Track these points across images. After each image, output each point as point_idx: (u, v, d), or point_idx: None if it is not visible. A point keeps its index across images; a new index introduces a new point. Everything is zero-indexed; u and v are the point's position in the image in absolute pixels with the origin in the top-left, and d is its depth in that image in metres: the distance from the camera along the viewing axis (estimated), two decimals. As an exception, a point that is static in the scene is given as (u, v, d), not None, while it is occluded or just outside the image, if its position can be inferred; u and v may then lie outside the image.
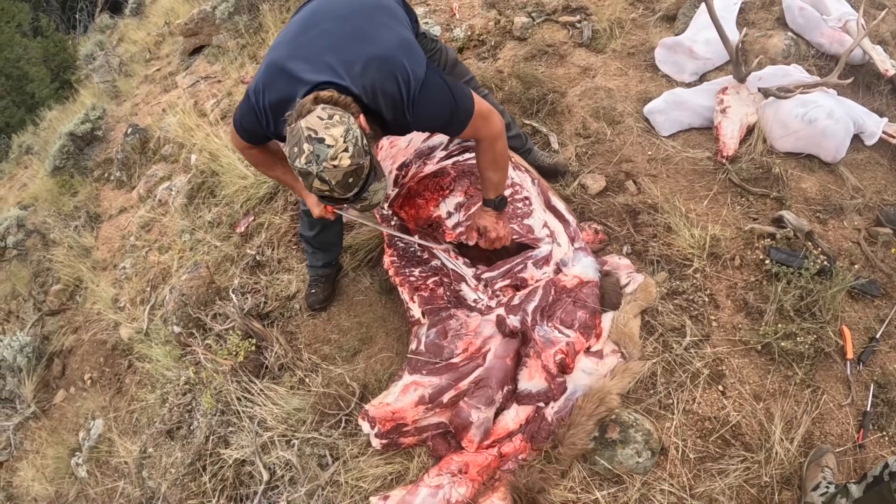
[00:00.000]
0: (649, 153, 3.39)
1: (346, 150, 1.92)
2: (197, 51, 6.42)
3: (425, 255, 2.88)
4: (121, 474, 3.35)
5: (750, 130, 3.37)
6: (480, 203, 2.67)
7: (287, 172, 2.52)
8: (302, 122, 1.93)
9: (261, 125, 2.22)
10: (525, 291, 2.71)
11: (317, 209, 2.50)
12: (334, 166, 1.91)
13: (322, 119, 1.92)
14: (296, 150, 1.93)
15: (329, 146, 1.90)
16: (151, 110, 5.99)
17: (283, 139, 2.11)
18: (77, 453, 3.64)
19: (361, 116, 2.04)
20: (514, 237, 2.80)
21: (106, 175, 5.65)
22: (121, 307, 4.16)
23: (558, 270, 2.77)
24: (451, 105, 2.24)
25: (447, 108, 2.23)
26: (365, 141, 1.99)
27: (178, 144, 5.08)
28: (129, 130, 5.56)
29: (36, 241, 5.34)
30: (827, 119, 3.15)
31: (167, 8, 7.64)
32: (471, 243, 2.75)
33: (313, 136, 1.90)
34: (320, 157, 1.90)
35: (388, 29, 2.20)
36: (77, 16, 11.90)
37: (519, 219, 2.84)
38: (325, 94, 2.00)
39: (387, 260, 2.89)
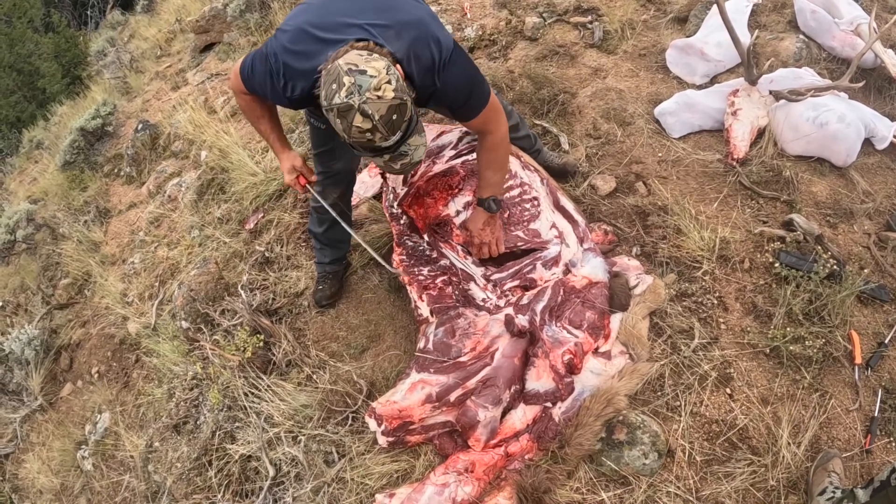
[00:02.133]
0: (660, 155, 3.39)
1: (388, 81, 1.86)
2: (208, 48, 6.44)
3: (434, 255, 2.88)
4: (126, 468, 3.36)
5: (760, 133, 3.36)
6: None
7: (273, 129, 2.52)
8: (339, 60, 1.88)
9: (275, 89, 2.18)
10: (534, 291, 2.70)
11: (289, 176, 2.51)
12: (378, 97, 1.85)
13: (361, 55, 1.88)
14: (333, 86, 1.86)
15: (372, 76, 1.84)
16: (162, 107, 6.01)
17: (293, 103, 2.13)
18: (83, 446, 3.66)
19: (399, 66, 2.00)
20: (519, 244, 2.79)
21: (116, 170, 5.68)
22: (129, 302, 4.17)
23: (567, 271, 2.77)
24: (474, 81, 2.24)
25: (470, 82, 2.23)
26: (403, 84, 1.94)
27: (188, 141, 5.10)
28: (140, 126, 5.58)
29: (45, 235, 5.37)
30: (838, 123, 3.14)
31: (178, 5, 7.67)
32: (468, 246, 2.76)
33: (354, 68, 1.85)
34: (363, 88, 1.83)
35: (414, 2, 2.21)
36: (88, 12, 11.94)
37: (527, 220, 2.84)
38: (360, 44, 1.97)
39: (396, 258, 2.89)
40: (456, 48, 2.16)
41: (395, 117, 1.90)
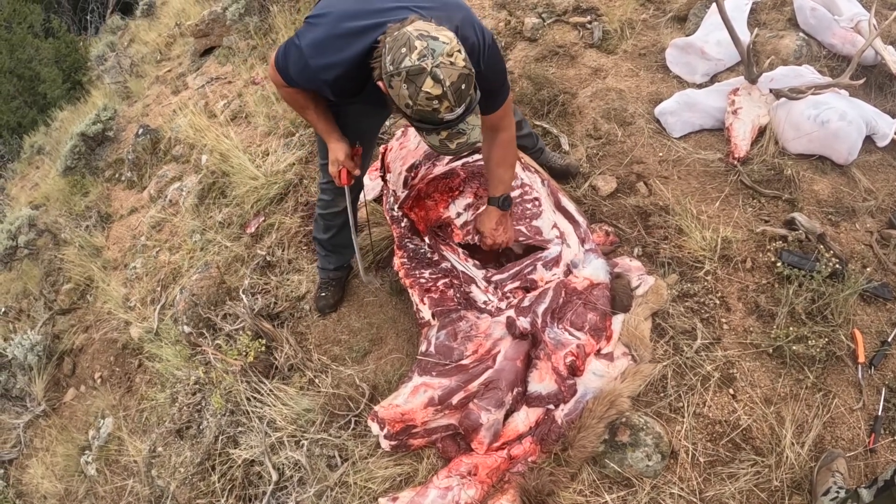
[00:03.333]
0: (660, 155, 3.38)
1: (459, 51, 1.85)
2: (207, 52, 6.44)
3: (435, 257, 2.88)
4: (130, 473, 3.36)
5: (762, 132, 3.36)
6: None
7: (320, 117, 2.47)
8: (408, 27, 1.86)
9: (312, 78, 2.16)
10: (535, 293, 2.70)
11: (332, 167, 2.48)
12: (451, 62, 1.83)
13: (430, 24, 1.88)
14: (403, 50, 1.83)
15: (444, 42, 1.83)
16: (162, 111, 6.02)
17: (333, 90, 2.11)
18: (86, 452, 3.66)
19: None
20: (521, 239, 2.79)
21: (117, 175, 5.68)
22: (131, 307, 4.18)
23: (569, 272, 2.77)
24: (505, 73, 2.27)
25: (504, 71, 2.25)
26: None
27: (188, 145, 5.10)
28: (140, 131, 5.59)
29: (47, 240, 5.37)
30: (839, 120, 3.13)
31: (178, 9, 7.67)
32: (477, 241, 2.76)
33: (426, 34, 1.83)
34: (436, 52, 1.81)
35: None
36: (88, 17, 11.96)
37: (528, 220, 2.84)
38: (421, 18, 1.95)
39: (397, 262, 2.89)
40: (493, 36, 2.21)
41: (463, 87, 1.88)
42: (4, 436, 4.21)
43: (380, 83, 1.98)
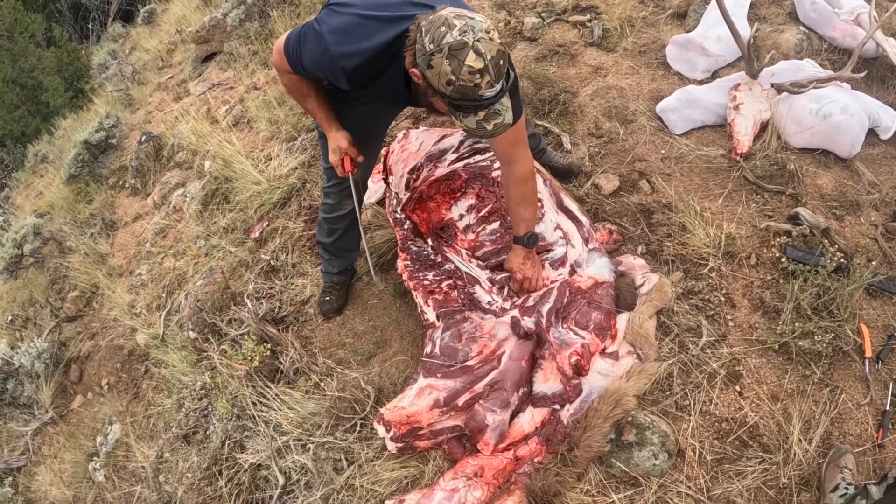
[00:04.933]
0: (662, 152, 3.37)
1: (494, 29, 1.91)
2: (209, 58, 6.46)
3: (438, 259, 2.87)
4: (138, 479, 3.37)
5: (764, 127, 3.34)
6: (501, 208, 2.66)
7: (321, 106, 2.47)
8: (444, 10, 1.92)
9: (330, 66, 2.15)
10: (539, 293, 2.69)
11: (333, 156, 2.48)
12: (490, 38, 1.88)
13: (464, 8, 1.94)
14: (443, 29, 1.87)
15: (481, 21, 1.89)
16: (165, 117, 6.04)
17: (348, 77, 2.12)
18: (94, 458, 3.67)
19: None
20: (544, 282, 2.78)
21: (121, 182, 5.70)
22: (137, 313, 4.19)
23: (573, 272, 2.76)
24: (517, 81, 2.26)
25: (516, 79, 2.23)
26: None
27: (191, 151, 5.12)
28: (143, 138, 5.61)
29: (52, 248, 5.39)
30: (841, 114, 3.12)
31: (179, 16, 7.70)
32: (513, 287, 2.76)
33: (462, 14, 1.89)
34: (475, 28, 1.87)
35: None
36: (90, 25, 12.00)
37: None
38: None
39: (400, 264, 2.88)
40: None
41: (501, 62, 1.92)
42: (13, 443, 4.23)
43: (413, 70, 2.01)
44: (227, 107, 5.33)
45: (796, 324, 2.62)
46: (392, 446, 2.58)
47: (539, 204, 2.87)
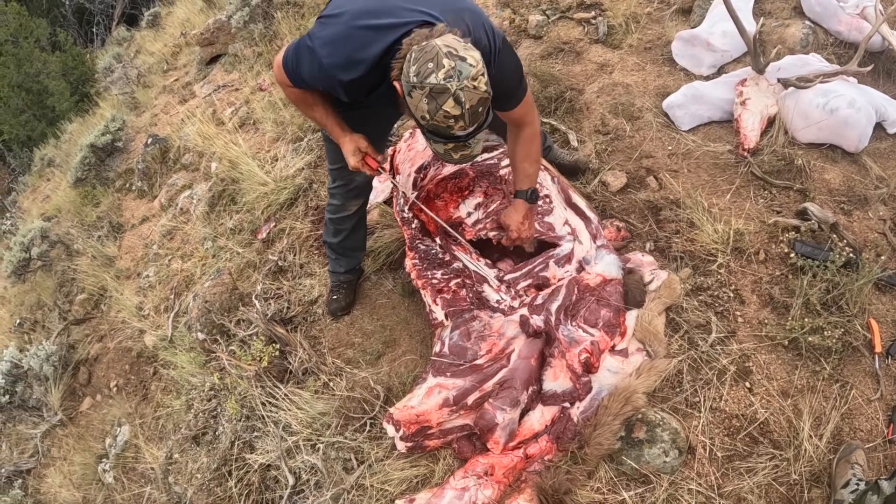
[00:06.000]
0: (669, 148, 3.37)
1: (483, 74, 1.88)
2: (214, 60, 6.47)
3: (447, 258, 2.87)
4: (147, 480, 3.38)
5: (771, 122, 3.33)
6: (508, 203, 2.65)
7: (328, 115, 2.44)
8: (437, 40, 1.88)
9: (327, 78, 2.14)
10: (548, 291, 2.69)
11: (353, 158, 2.45)
12: (474, 87, 1.86)
13: (460, 41, 1.90)
14: (430, 65, 1.85)
15: (471, 65, 1.86)
16: (170, 120, 6.05)
17: (346, 90, 2.11)
18: (104, 460, 3.68)
19: None
20: (535, 235, 2.79)
21: (127, 185, 5.71)
22: (145, 315, 4.20)
23: (581, 269, 2.76)
24: (521, 68, 2.26)
25: (519, 70, 2.25)
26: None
27: (197, 153, 5.13)
28: (149, 140, 5.62)
29: (60, 251, 5.41)
30: (848, 108, 3.11)
31: (183, 19, 7.71)
32: (491, 235, 2.75)
33: (454, 52, 1.86)
34: (462, 74, 1.84)
35: None
36: (94, 29, 12.02)
37: (540, 216, 2.83)
38: (450, 30, 1.97)
39: (408, 263, 2.89)
40: (504, 37, 2.19)
41: (480, 110, 1.93)
42: (22, 446, 4.24)
43: (396, 84, 2.00)
44: (232, 108, 5.33)
45: (805, 319, 2.62)
46: (402, 446, 2.58)
47: (548, 199, 2.87)
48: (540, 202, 2.86)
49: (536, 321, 2.60)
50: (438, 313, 2.75)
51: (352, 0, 2.14)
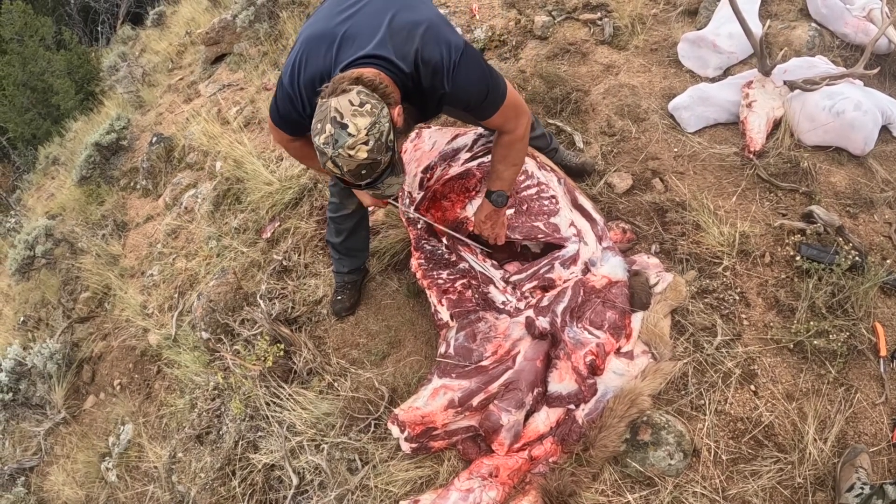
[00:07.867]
0: (675, 150, 3.36)
1: (366, 142, 1.89)
2: (219, 59, 6.46)
3: (453, 258, 2.87)
4: (150, 479, 3.38)
5: (777, 124, 3.33)
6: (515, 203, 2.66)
7: None
8: (332, 100, 1.90)
9: (296, 109, 2.19)
10: (554, 292, 2.69)
11: (367, 199, 2.50)
12: (349, 156, 1.89)
13: (353, 105, 1.89)
14: (318, 126, 1.92)
15: (350, 135, 1.87)
16: (175, 119, 6.05)
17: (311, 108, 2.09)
18: (107, 458, 3.68)
19: (398, 108, 2.01)
20: (539, 237, 2.78)
21: (132, 184, 5.72)
22: (149, 314, 4.20)
23: (587, 270, 2.75)
24: (488, 80, 2.22)
25: (484, 82, 2.21)
26: (391, 137, 1.95)
27: (202, 152, 5.13)
28: (154, 139, 5.62)
29: (64, 249, 5.41)
30: (854, 111, 3.10)
31: (188, 18, 7.72)
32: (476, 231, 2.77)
33: (338, 119, 1.88)
34: (338, 143, 1.88)
35: (423, 4, 2.22)
36: (99, 28, 12.04)
37: (546, 216, 2.83)
38: (368, 74, 1.96)
39: (414, 263, 2.88)
40: (467, 48, 2.14)
41: (363, 172, 1.95)
42: (25, 443, 4.25)
43: None
44: (237, 107, 5.33)
45: (811, 322, 2.61)
46: (406, 447, 2.58)
47: (554, 200, 2.86)
48: (546, 202, 2.86)
49: (542, 323, 2.60)
50: (444, 314, 2.75)
51: (318, 21, 2.20)
